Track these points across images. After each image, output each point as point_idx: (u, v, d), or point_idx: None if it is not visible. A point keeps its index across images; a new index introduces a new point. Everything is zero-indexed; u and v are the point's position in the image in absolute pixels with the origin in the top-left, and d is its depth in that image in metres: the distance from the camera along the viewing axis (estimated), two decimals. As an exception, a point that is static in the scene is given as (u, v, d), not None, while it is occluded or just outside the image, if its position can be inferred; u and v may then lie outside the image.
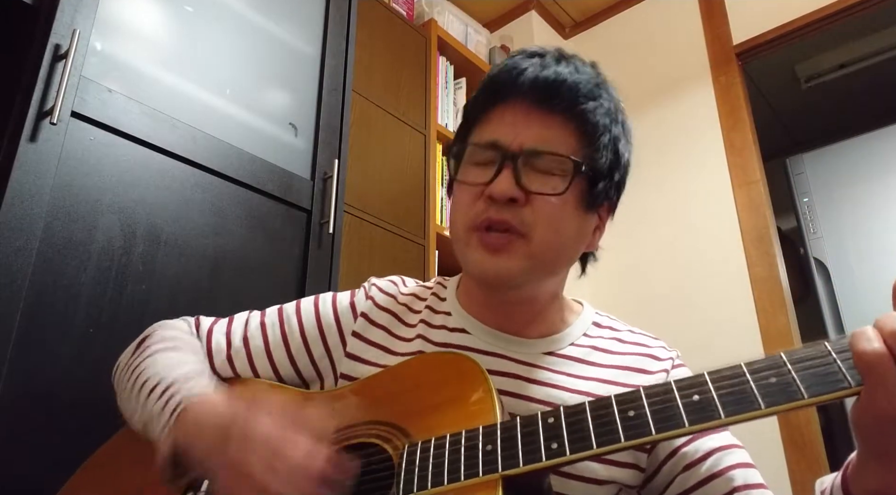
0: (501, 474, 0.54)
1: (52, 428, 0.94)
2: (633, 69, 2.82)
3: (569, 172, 0.71)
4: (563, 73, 0.73)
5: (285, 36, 1.50)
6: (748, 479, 0.68)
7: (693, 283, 2.36)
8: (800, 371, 0.49)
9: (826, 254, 2.38)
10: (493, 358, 0.77)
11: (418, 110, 2.26)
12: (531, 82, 0.72)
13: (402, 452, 0.60)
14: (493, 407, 0.60)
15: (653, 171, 2.56)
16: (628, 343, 0.81)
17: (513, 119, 0.73)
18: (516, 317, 0.79)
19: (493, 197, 0.71)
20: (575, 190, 0.72)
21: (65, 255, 1.00)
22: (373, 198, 1.96)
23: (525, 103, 0.73)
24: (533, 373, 0.76)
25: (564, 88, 0.72)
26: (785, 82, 3.13)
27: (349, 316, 0.85)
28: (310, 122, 1.48)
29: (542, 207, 0.71)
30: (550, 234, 0.72)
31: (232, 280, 1.22)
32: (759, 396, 0.49)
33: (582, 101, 0.72)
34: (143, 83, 1.19)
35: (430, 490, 0.56)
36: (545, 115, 0.72)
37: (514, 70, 0.74)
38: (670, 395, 0.52)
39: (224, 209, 1.24)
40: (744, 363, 0.51)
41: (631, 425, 0.52)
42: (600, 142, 0.73)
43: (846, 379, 0.47)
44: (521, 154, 0.71)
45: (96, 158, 1.08)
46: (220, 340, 0.86)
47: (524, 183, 0.71)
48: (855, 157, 2.45)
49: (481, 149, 0.74)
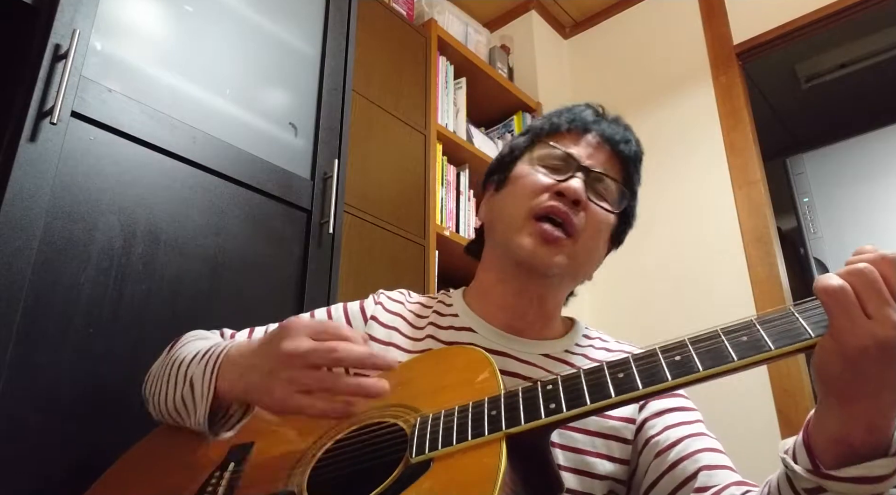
0: (505, 432, 0.58)
1: (52, 427, 0.94)
2: (633, 69, 2.82)
3: (617, 202, 0.86)
4: (626, 133, 0.89)
5: (285, 36, 1.50)
6: (714, 461, 0.73)
7: (693, 283, 2.36)
8: (767, 329, 0.54)
9: (826, 254, 2.38)
10: (495, 356, 0.81)
11: (418, 110, 2.26)
12: (605, 127, 0.88)
13: (415, 424, 0.65)
14: (498, 384, 0.65)
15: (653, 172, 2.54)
16: (615, 351, 0.89)
17: (587, 144, 0.87)
18: (528, 316, 0.86)
19: (565, 193, 0.81)
20: (613, 220, 0.87)
21: (65, 255, 1.00)
22: (373, 198, 1.96)
23: (598, 139, 0.87)
24: (531, 372, 0.82)
25: (626, 145, 0.88)
26: (785, 82, 3.13)
27: (360, 319, 0.90)
28: (310, 122, 1.48)
29: (595, 217, 0.84)
30: (592, 242, 0.84)
31: (232, 280, 1.22)
32: (732, 351, 0.54)
33: (633, 158, 0.89)
34: (143, 83, 1.19)
35: (440, 450, 0.60)
36: (610, 155, 0.87)
37: (598, 110, 0.90)
38: (655, 358, 0.58)
39: (224, 209, 1.24)
40: (719, 327, 0.57)
41: (620, 382, 0.58)
42: (636, 197, 0.91)
43: (807, 332, 0.52)
44: (592, 170, 0.84)
45: (96, 158, 1.08)
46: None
47: (588, 193, 0.83)
48: (855, 157, 2.45)
49: (557, 154, 0.86)
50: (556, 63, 3.03)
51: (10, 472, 0.89)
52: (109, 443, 0.86)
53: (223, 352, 0.74)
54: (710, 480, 0.70)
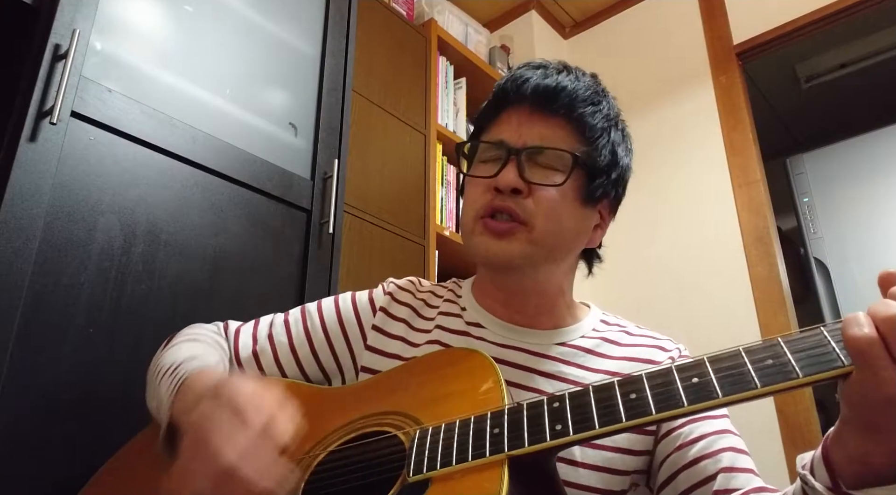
0: (508, 454, 0.55)
1: (51, 427, 0.94)
2: (633, 69, 2.82)
3: (568, 166, 0.77)
4: (563, 81, 0.80)
5: (285, 36, 1.50)
6: (736, 462, 0.70)
7: (693, 283, 2.35)
8: (795, 352, 0.50)
9: (826, 254, 2.38)
10: (507, 350, 0.80)
11: (418, 110, 2.26)
12: (534, 89, 0.79)
13: (413, 437, 0.62)
14: (502, 396, 0.62)
15: (653, 172, 2.56)
16: (636, 335, 0.86)
17: (517, 121, 0.80)
18: (528, 309, 0.83)
19: (499, 187, 0.77)
20: (574, 184, 0.78)
21: (65, 255, 1.00)
22: (373, 198, 1.96)
23: (528, 108, 0.80)
24: (544, 365, 0.79)
25: (564, 94, 0.79)
26: (785, 82, 3.13)
27: (368, 310, 0.89)
28: (310, 122, 1.48)
29: (543, 198, 0.77)
30: (551, 224, 0.77)
31: (232, 280, 1.22)
32: (755, 377, 0.50)
33: (580, 105, 0.79)
34: (142, 83, 1.19)
35: (438, 470, 0.57)
36: (547, 118, 0.79)
37: (519, 79, 0.81)
38: (670, 378, 0.54)
39: (224, 209, 1.24)
40: (742, 347, 0.53)
41: (632, 405, 0.54)
42: (598, 143, 0.80)
43: (840, 359, 0.48)
44: (524, 150, 0.78)
45: (96, 158, 1.08)
46: (247, 340, 0.90)
47: (526, 175, 0.77)
48: (855, 157, 2.45)
49: (488, 146, 0.81)
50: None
51: (9, 472, 0.89)
52: (109, 443, 0.86)
53: (184, 375, 0.72)
54: (730, 483, 0.68)
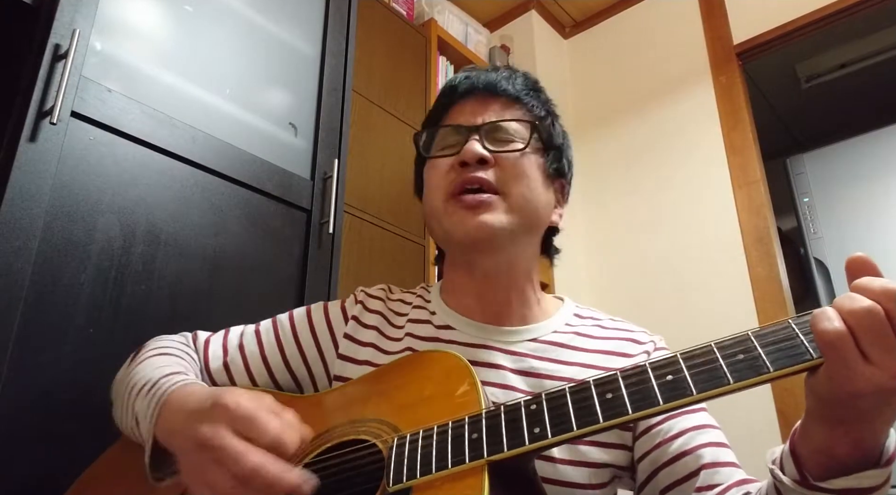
0: (487, 459, 0.56)
1: (51, 428, 0.94)
2: (633, 69, 2.82)
3: (527, 134, 0.81)
4: (503, 73, 0.86)
5: (285, 36, 1.50)
6: (717, 457, 0.70)
7: (693, 283, 2.36)
8: (765, 346, 0.51)
9: (826, 254, 2.38)
10: (478, 349, 0.80)
11: (418, 110, 2.26)
12: (483, 79, 0.85)
13: (391, 445, 0.62)
14: (479, 399, 0.62)
15: (653, 172, 2.56)
16: (610, 329, 0.85)
17: (472, 107, 0.84)
18: (497, 296, 0.83)
19: (465, 160, 0.78)
20: (534, 154, 0.82)
21: (65, 255, 1.00)
22: (373, 198, 1.96)
23: (479, 96, 0.84)
24: (518, 362, 0.79)
25: (509, 82, 0.85)
26: (785, 82, 3.13)
27: (340, 319, 0.88)
28: (310, 122, 1.48)
29: (510, 164, 0.79)
30: (524, 189, 0.79)
31: (232, 280, 1.22)
32: (728, 372, 0.51)
33: (523, 89, 0.85)
34: (142, 83, 1.19)
35: (419, 478, 0.57)
36: (496, 100, 0.84)
37: (464, 76, 0.87)
38: (645, 376, 0.55)
39: (224, 209, 1.24)
40: (714, 343, 0.54)
41: (609, 406, 0.55)
42: (546, 120, 0.85)
43: (808, 352, 0.49)
44: (483, 126, 0.81)
45: (96, 158, 1.08)
46: (217, 350, 0.88)
47: (490, 146, 0.79)
48: (855, 157, 2.45)
49: (447, 131, 0.84)
50: (556, 63, 3.03)
51: (9, 472, 0.89)
52: (109, 443, 0.86)
53: (165, 395, 0.70)
54: (713, 478, 0.68)
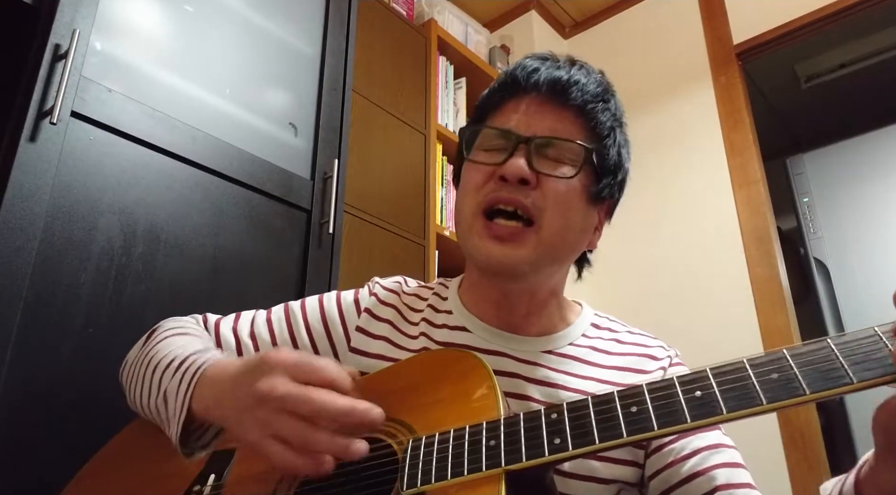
0: (504, 468, 0.54)
1: (51, 427, 0.94)
2: (633, 69, 2.82)
3: (578, 160, 0.73)
4: (575, 75, 0.77)
5: (285, 36, 1.50)
6: (731, 479, 0.67)
7: (693, 283, 2.35)
8: (801, 366, 0.48)
9: (826, 254, 2.38)
10: (493, 356, 0.77)
11: (418, 110, 2.26)
12: (547, 79, 0.76)
13: (407, 447, 0.60)
14: (497, 404, 0.60)
15: (653, 172, 2.56)
16: (627, 343, 0.82)
17: (527, 110, 0.76)
18: (516, 310, 0.80)
19: (506, 176, 0.72)
20: (582, 179, 0.74)
21: (65, 255, 1.00)
22: (373, 198, 1.96)
23: (539, 98, 0.76)
24: (532, 372, 0.76)
25: (577, 88, 0.75)
26: (785, 82, 3.13)
27: (353, 311, 0.86)
28: (310, 122, 1.48)
29: (552, 191, 0.72)
30: (559, 220, 0.73)
31: (232, 280, 1.22)
32: (760, 392, 0.49)
33: (592, 101, 0.76)
34: (142, 83, 1.19)
35: (433, 484, 0.56)
36: (557, 110, 0.75)
37: (529, 68, 0.78)
38: (673, 391, 0.52)
39: (224, 209, 1.24)
40: (746, 359, 0.51)
41: (633, 420, 0.52)
42: (607, 141, 0.77)
43: (848, 376, 0.46)
44: (533, 140, 0.73)
45: (96, 158, 1.08)
46: (228, 335, 0.86)
47: (536, 166, 0.72)
48: (855, 157, 2.45)
49: (494, 134, 0.76)
50: (556, 63, 3.03)
51: (9, 472, 0.89)
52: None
53: (200, 370, 0.68)
54: None
